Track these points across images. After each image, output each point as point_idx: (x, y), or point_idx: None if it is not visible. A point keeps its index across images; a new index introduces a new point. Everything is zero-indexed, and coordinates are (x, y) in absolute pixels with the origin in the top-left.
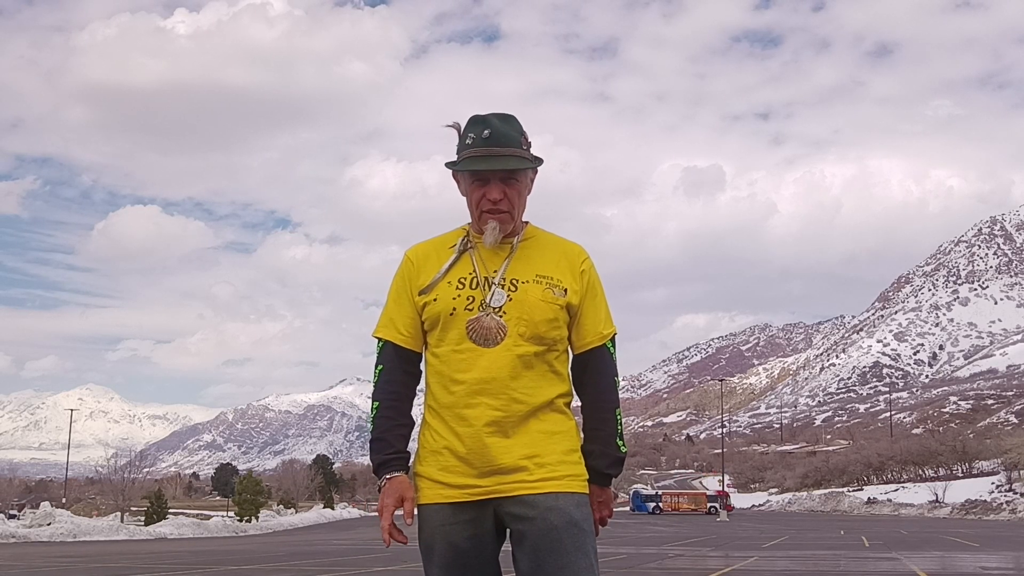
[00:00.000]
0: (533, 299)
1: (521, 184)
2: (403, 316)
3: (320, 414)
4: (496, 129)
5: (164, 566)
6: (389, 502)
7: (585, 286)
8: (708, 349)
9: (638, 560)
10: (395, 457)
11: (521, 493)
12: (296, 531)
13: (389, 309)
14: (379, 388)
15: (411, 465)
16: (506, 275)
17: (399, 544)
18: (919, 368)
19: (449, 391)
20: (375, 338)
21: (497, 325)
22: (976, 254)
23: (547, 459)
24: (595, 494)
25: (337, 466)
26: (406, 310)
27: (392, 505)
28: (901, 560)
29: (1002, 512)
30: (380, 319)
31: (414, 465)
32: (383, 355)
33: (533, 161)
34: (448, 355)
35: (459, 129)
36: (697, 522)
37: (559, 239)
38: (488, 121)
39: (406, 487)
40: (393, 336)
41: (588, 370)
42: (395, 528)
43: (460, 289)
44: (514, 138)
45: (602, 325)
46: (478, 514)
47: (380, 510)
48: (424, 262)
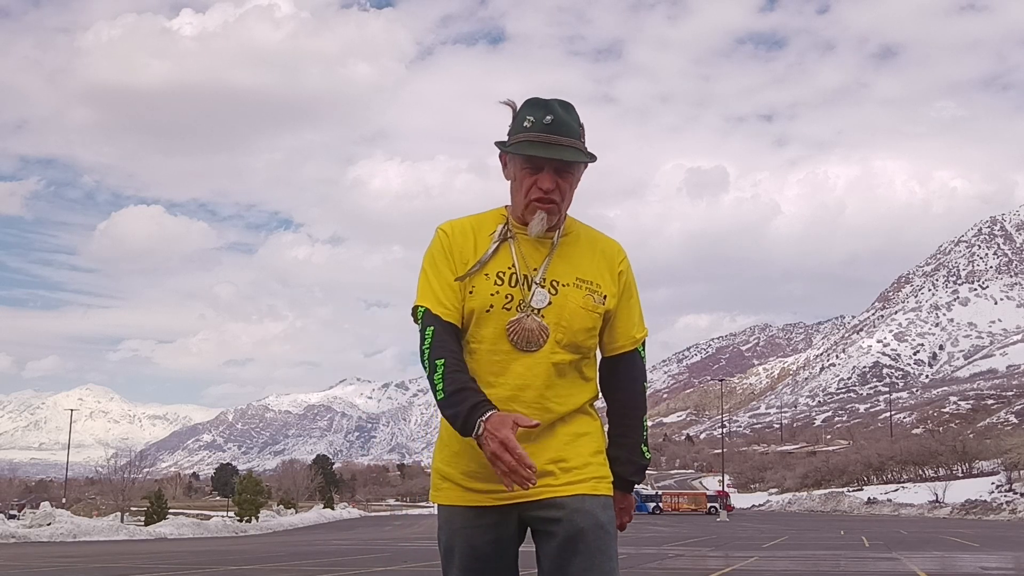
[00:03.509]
0: (574, 305)
1: (574, 177)
2: (445, 288)
3: (320, 414)
4: (559, 116)
5: (164, 566)
6: (506, 432)
7: (622, 288)
8: (708, 349)
9: (638, 560)
10: (484, 400)
11: (547, 496)
12: (296, 531)
13: (429, 279)
14: (437, 347)
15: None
16: (547, 275)
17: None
18: (919, 368)
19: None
20: (417, 306)
21: (539, 327)
22: (976, 254)
23: (573, 462)
24: (617, 500)
25: (337, 466)
26: (448, 281)
27: (511, 436)
28: (901, 560)
29: (1002, 512)
30: (420, 289)
31: (434, 460)
32: (427, 319)
33: (589, 156)
34: (482, 354)
35: (515, 108)
36: (697, 522)
37: (597, 234)
38: (550, 106)
39: (507, 417)
40: (436, 308)
41: (618, 374)
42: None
43: (499, 285)
44: (575, 129)
45: (635, 329)
46: (501, 518)
47: (503, 443)
48: (463, 240)
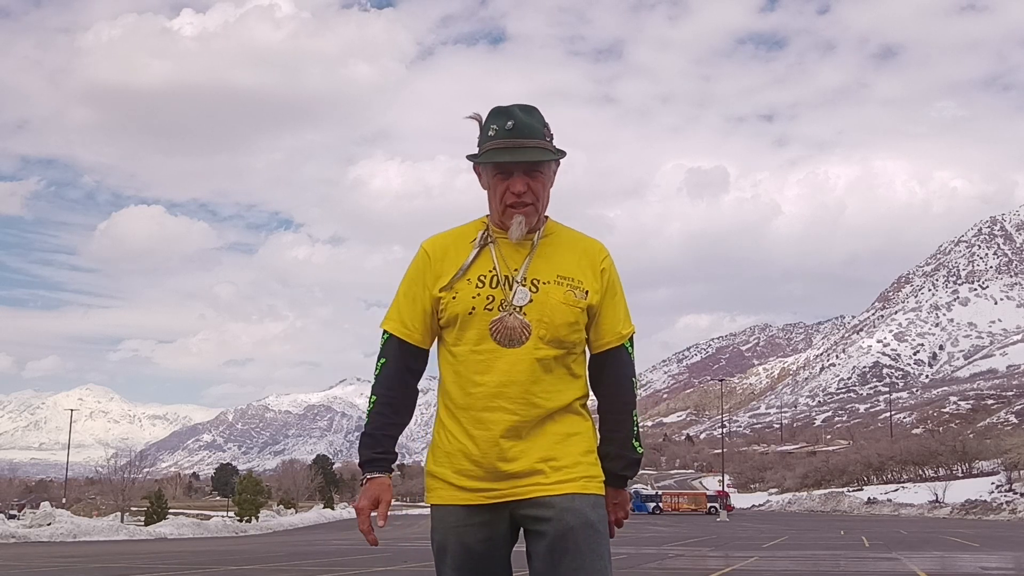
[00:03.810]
0: (554, 301)
1: (545, 176)
2: (412, 311)
3: (320, 414)
4: (520, 120)
5: (164, 566)
6: (365, 504)
7: (605, 285)
8: (708, 349)
9: (638, 560)
10: (381, 457)
11: (537, 495)
12: (296, 531)
13: (399, 302)
14: (378, 382)
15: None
16: (527, 274)
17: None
18: (919, 368)
19: (467, 393)
20: (382, 329)
21: (521, 324)
22: (976, 254)
23: (563, 461)
24: (611, 496)
25: (337, 466)
26: (417, 305)
27: (368, 508)
28: (901, 560)
29: (1002, 512)
30: (388, 311)
31: (427, 463)
32: (387, 348)
33: (556, 153)
34: (466, 355)
35: (480, 120)
36: (697, 522)
37: (579, 235)
38: (511, 112)
39: (384, 489)
40: (399, 331)
41: (606, 370)
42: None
43: (480, 288)
44: (537, 129)
45: (621, 325)
46: (493, 516)
47: (357, 510)
48: (442, 256)
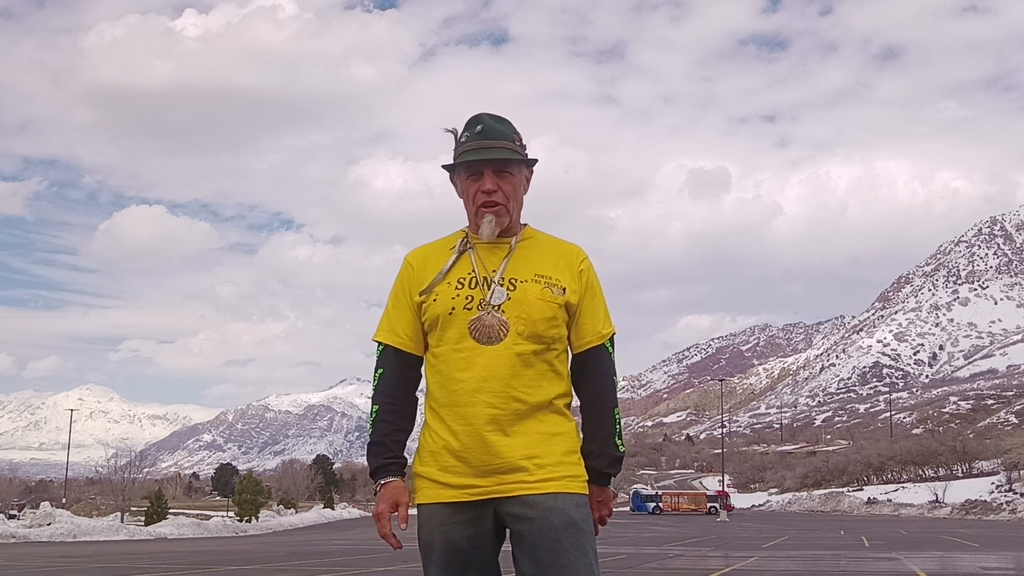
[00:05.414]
0: (532, 298)
1: (515, 179)
2: (403, 319)
3: (320, 414)
4: (488, 124)
5: (164, 566)
6: (384, 508)
7: (584, 286)
8: (708, 349)
9: (638, 560)
10: (392, 462)
11: (521, 493)
12: (296, 531)
13: (389, 313)
14: (378, 392)
15: (410, 465)
16: (505, 274)
17: (397, 548)
18: (919, 368)
19: (448, 390)
20: (375, 342)
21: (499, 322)
22: (976, 254)
23: (547, 460)
24: (594, 493)
25: (337, 466)
26: (405, 313)
27: (387, 511)
28: (901, 560)
29: (1002, 512)
30: (380, 323)
31: (414, 465)
32: (383, 358)
33: (524, 156)
34: (447, 354)
35: (456, 133)
36: (697, 522)
37: (557, 240)
38: (481, 118)
39: (400, 492)
40: (392, 340)
41: (587, 369)
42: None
43: (459, 289)
44: (506, 134)
45: (601, 324)
46: (477, 514)
47: (376, 516)
48: (424, 265)
